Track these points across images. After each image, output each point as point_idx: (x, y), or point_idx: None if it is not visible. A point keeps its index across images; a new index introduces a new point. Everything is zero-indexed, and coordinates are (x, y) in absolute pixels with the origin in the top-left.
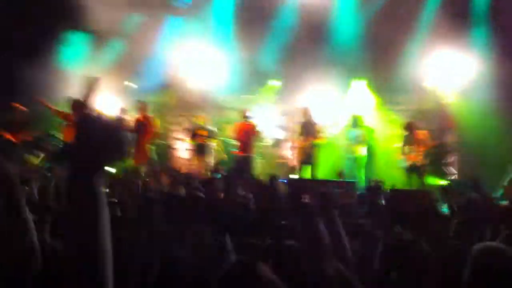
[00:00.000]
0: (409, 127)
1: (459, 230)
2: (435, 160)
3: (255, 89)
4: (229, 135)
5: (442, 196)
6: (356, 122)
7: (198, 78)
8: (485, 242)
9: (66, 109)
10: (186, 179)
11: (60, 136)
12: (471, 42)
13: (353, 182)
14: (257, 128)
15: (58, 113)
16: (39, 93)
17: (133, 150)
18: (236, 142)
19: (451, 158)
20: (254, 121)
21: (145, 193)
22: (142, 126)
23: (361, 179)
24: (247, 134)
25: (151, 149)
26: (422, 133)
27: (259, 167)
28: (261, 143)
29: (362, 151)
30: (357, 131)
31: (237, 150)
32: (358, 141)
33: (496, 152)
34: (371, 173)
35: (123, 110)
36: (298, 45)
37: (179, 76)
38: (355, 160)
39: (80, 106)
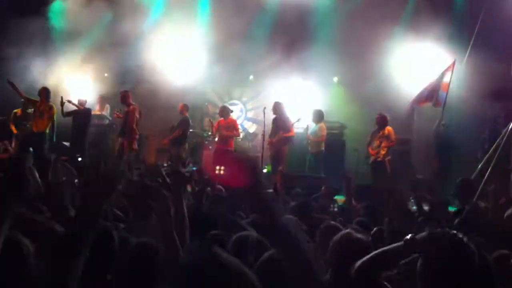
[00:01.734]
0: (381, 122)
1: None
2: (401, 156)
3: (231, 82)
4: (206, 128)
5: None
6: (315, 117)
7: (175, 70)
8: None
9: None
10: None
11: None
12: (449, 41)
13: (324, 177)
14: (237, 124)
15: (27, 99)
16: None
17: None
18: (214, 136)
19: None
20: (233, 116)
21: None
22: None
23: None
24: (227, 129)
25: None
26: (388, 129)
27: None
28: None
29: (321, 146)
30: (316, 126)
31: (218, 144)
32: (317, 136)
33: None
34: (342, 168)
35: (102, 99)
36: (273, 40)
37: (156, 67)
38: (314, 155)
39: (48, 93)
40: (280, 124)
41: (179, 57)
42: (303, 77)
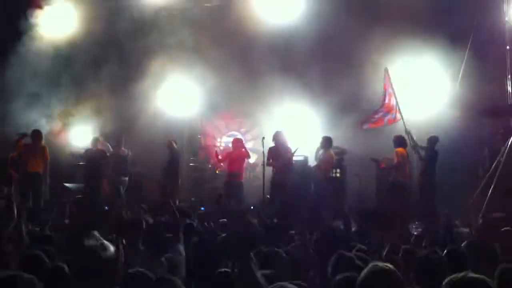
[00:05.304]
0: (393, 142)
1: None
2: None
3: (226, 114)
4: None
5: None
6: (322, 143)
7: (171, 103)
8: None
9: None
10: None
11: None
12: (443, 60)
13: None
14: (249, 155)
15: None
16: None
17: None
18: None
19: None
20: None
21: None
22: None
23: None
24: (239, 161)
25: None
26: (395, 150)
27: None
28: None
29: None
30: (323, 152)
31: (231, 177)
32: (320, 163)
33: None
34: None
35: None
36: (268, 69)
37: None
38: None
39: (40, 135)
40: (278, 153)
41: (175, 89)
42: (300, 104)
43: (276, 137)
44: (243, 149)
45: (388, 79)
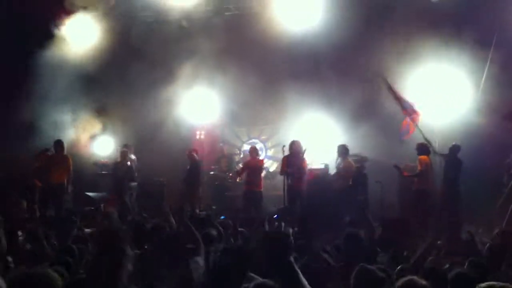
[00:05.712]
0: (416, 149)
1: None
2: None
3: (247, 121)
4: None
5: None
6: (339, 152)
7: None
8: None
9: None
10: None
11: None
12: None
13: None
14: (264, 164)
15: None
16: None
17: None
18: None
19: None
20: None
21: None
22: None
23: None
24: (257, 170)
25: None
26: (418, 158)
27: None
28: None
29: (349, 181)
30: (341, 161)
31: (250, 185)
32: (340, 170)
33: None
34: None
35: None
36: (284, 76)
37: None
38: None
39: (62, 146)
40: (293, 162)
41: (196, 97)
42: (321, 112)
43: (292, 147)
44: (257, 157)
45: (386, 87)
